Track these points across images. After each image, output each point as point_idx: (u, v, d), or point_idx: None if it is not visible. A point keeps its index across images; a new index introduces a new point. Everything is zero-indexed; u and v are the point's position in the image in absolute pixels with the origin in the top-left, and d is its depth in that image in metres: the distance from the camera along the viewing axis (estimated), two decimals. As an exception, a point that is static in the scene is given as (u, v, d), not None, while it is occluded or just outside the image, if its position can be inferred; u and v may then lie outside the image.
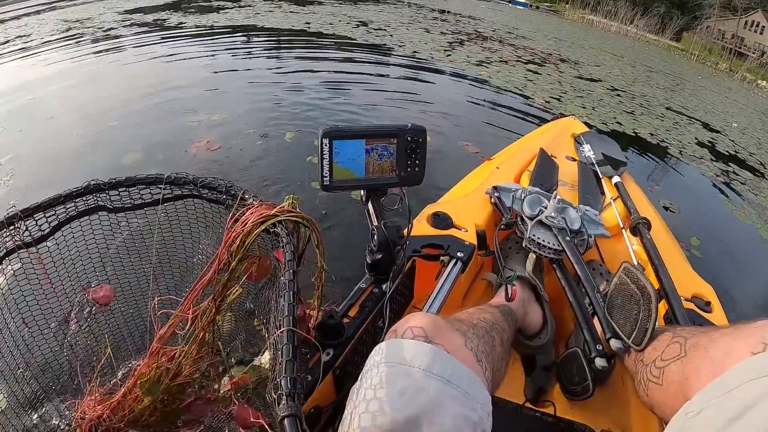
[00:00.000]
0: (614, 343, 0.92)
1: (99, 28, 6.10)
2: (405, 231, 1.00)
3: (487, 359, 0.72)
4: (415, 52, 6.30)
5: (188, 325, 0.80)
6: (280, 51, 5.69)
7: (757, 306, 2.39)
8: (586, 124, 2.36)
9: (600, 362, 0.98)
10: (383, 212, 0.97)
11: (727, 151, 4.77)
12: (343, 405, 0.64)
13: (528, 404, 1.09)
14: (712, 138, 5.14)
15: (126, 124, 3.26)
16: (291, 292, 0.64)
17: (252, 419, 0.68)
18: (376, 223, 0.96)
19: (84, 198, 0.87)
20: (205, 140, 3.06)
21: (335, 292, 0.97)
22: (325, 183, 0.90)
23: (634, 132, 4.61)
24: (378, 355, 0.64)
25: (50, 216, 0.85)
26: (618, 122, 4.78)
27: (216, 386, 0.88)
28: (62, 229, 0.87)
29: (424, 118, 3.84)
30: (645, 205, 1.67)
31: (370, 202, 0.99)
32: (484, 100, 4.70)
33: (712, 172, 4.04)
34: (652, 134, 4.66)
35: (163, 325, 0.84)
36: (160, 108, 3.56)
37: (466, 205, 1.40)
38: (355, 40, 6.57)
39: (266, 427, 0.62)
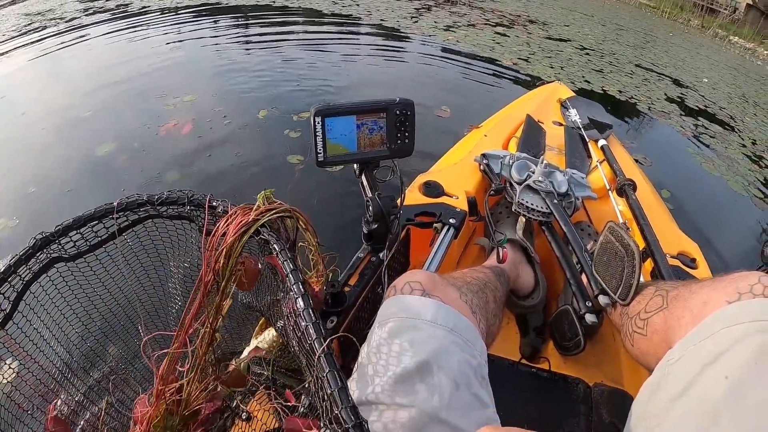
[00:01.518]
0: (602, 299, 0.97)
1: (61, 19, 5.91)
2: (398, 201, 1.03)
3: (481, 312, 0.76)
4: (382, 20, 6.19)
5: (189, 358, 0.76)
6: (247, 28, 5.55)
7: (731, 254, 2.45)
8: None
9: (590, 318, 1.03)
10: (376, 184, 1.00)
11: (697, 106, 4.74)
12: (350, 369, 0.69)
13: (524, 361, 1.14)
14: (682, 93, 5.10)
15: (97, 115, 3.20)
16: (308, 311, 0.62)
17: (304, 429, 0.64)
18: (370, 195, 0.99)
19: (36, 257, 0.75)
20: (174, 122, 3.02)
21: (333, 262, 1.00)
22: (319, 159, 0.92)
23: (603, 90, 4.58)
24: (386, 310, 0.69)
25: (6, 290, 0.72)
26: (586, 80, 4.74)
27: (219, 389, 0.85)
28: (24, 298, 0.74)
29: (400, 89, 3.82)
30: (631, 166, 1.71)
31: (363, 175, 1.00)
32: (455, 66, 4.67)
33: (681, 126, 4.05)
34: (620, 91, 4.63)
35: (160, 362, 0.77)
36: (131, 95, 3.50)
37: (456, 173, 1.43)
38: (321, 11, 6.44)
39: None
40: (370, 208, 0.98)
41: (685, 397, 0.61)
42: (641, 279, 1.10)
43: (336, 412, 0.53)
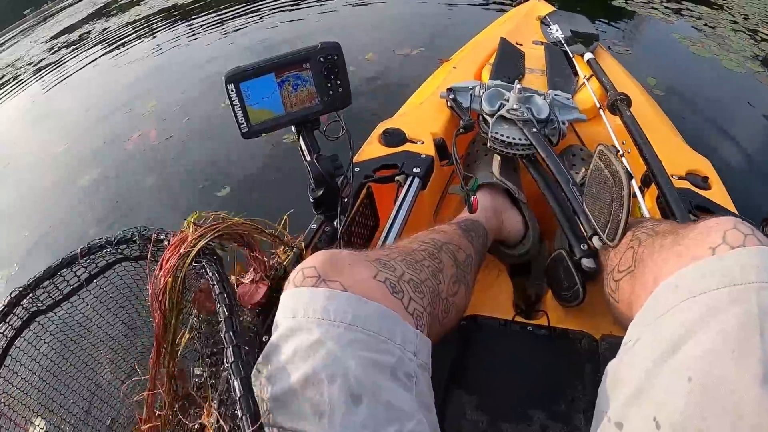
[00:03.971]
0: (596, 241, 0.82)
1: (29, 64, 5.97)
2: (352, 156, 0.93)
3: (416, 288, 0.61)
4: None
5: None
6: (208, 18, 5.46)
7: (742, 150, 2.22)
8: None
9: (587, 263, 0.88)
10: (315, 146, 0.87)
11: None
12: None
13: (519, 318, 1.00)
14: None
15: (76, 145, 3.24)
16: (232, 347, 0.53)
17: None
18: (308, 159, 0.86)
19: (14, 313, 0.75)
20: (144, 132, 3.02)
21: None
22: (243, 131, 0.82)
23: None
24: (277, 313, 0.55)
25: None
26: None
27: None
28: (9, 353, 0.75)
29: (360, 35, 3.64)
30: (623, 78, 1.53)
31: (300, 138, 0.88)
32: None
33: (662, 14, 3.75)
34: None
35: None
36: (104, 119, 3.50)
37: (420, 115, 1.27)
38: None
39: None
40: (310, 173, 0.85)
41: (639, 406, 0.47)
42: (645, 212, 0.95)
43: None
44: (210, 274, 0.65)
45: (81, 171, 2.84)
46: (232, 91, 0.79)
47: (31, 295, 0.76)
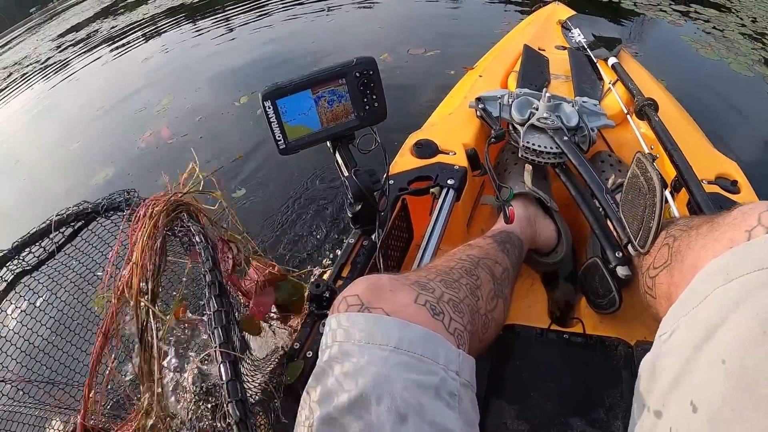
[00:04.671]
0: (631, 248, 0.83)
1: (37, 62, 6.10)
2: (386, 171, 0.94)
3: (456, 307, 0.62)
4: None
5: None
6: (215, 18, 5.53)
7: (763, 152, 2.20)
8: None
9: (622, 271, 0.88)
10: (352, 160, 0.89)
11: None
12: None
13: (554, 326, 1.01)
14: None
15: (88, 144, 3.29)
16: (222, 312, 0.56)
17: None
18: (346, 174, 0.88)
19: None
20: (155, 130, 3.05)
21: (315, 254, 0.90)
22: (280, 147, 0.84)
23: None
24: (324, 335, 0.57)
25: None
26: None
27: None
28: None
29: (382, 45, 3.59)
30: (649, 82, 1.52)
31: (337, 153, 0.90)
32: (434, 7, 4.34)
33: (671, 17, 3.71)
34: None
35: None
36: (116, 117, 3.56)
37: (450, 126, 1.27)
38: None
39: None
40: (349, 188, 0.87)
41: (677, 392, 0.47)
42: (677, 214, 0.95)
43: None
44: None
45: (94, 168, 2.88)
46: (269, 108, 0.80)
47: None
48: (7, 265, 0.79)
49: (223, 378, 0.51)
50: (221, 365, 0.52)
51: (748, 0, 4.14)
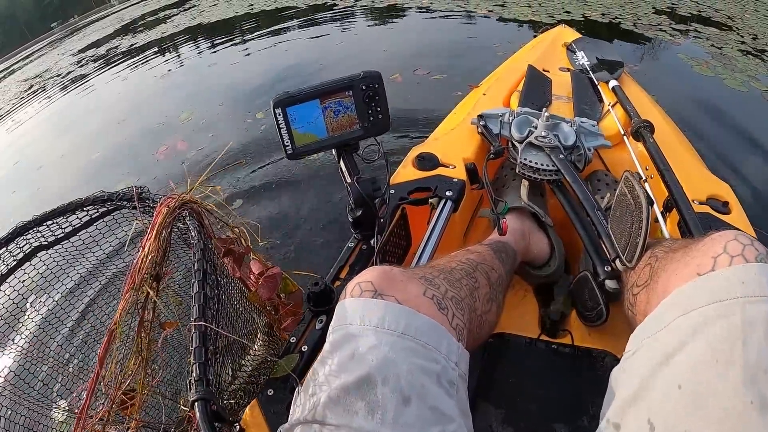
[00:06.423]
0: (619, 264, 0.86)
1: (58, 75, 6.31)
2: (387, 180, 0.99)
3: (458, 305, 0.67)
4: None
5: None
6: (233, 37, 5.73)
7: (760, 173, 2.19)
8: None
9: (610, 284, 0.92)
10: (355, 168, 0.94)
11: (690, 13, 4.31)
12: None
13: (544, 336, 1.04)
14: (673, 3, 4.66)
15: (107, 155, 3.41)
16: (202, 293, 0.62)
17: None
18: (349, 181, 0.92)
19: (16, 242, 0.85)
20: (166, 146, 3.16)
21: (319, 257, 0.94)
22: (288, 152, 0.88)
23: (584, 17, 4.28)
24: (334, 318, 0.61)
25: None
26: (566, 11, 4.41)
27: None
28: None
29: (389, 62, 3.71)
30: (647, 105, 1.56)
31: (341, 160, 0.94)
32: (439, 27, 4.53)
33: (670, 35, 3.76)
34: (603, 14, 4.31)
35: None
36: (135, 129, 3.69)
37: (452, 141, 1.32)
38: (298, 7, 6.49)
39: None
40: (350, 194, 0.91)
41: (634, 408, 0.52)
42: (667, 236, 0.99)
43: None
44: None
45: (114, 178, 2.95)
46: (279, 114, 0.85)
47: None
48: (26, 235, 0.85)
49: (193, 345, 0.57)
50: (193, 335, 0.57)
51: (750, 18, 4.22)
